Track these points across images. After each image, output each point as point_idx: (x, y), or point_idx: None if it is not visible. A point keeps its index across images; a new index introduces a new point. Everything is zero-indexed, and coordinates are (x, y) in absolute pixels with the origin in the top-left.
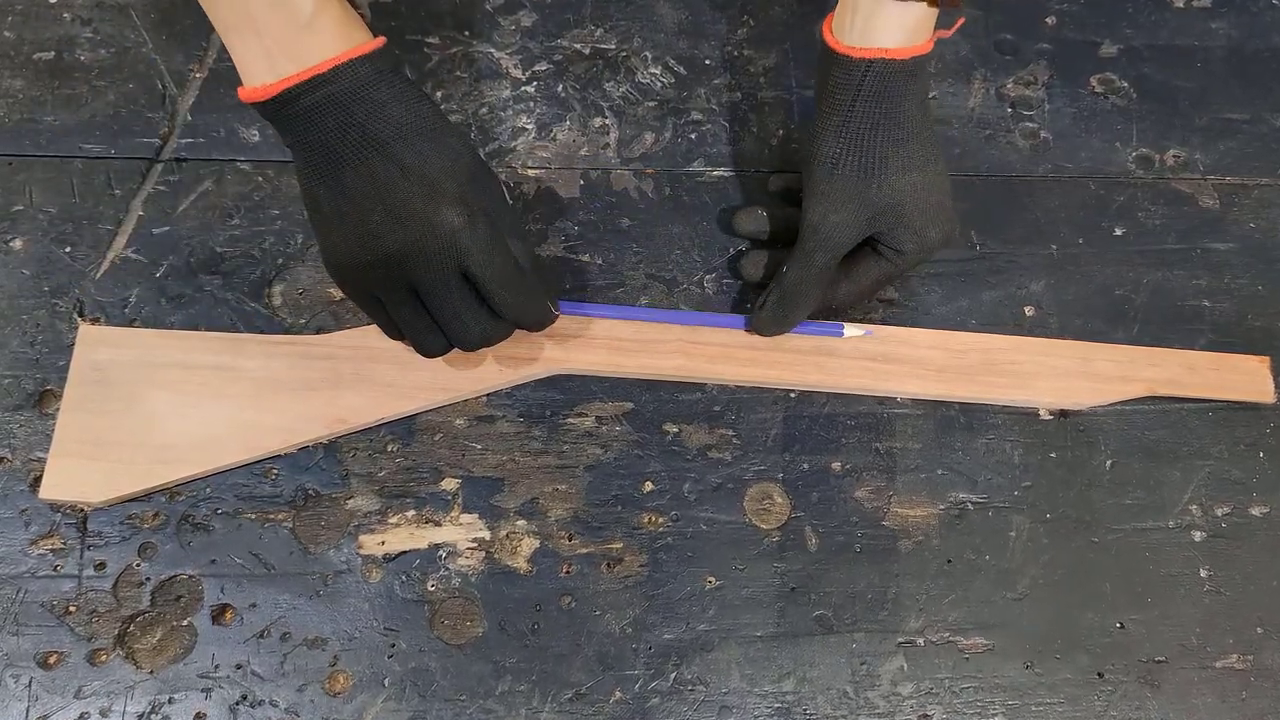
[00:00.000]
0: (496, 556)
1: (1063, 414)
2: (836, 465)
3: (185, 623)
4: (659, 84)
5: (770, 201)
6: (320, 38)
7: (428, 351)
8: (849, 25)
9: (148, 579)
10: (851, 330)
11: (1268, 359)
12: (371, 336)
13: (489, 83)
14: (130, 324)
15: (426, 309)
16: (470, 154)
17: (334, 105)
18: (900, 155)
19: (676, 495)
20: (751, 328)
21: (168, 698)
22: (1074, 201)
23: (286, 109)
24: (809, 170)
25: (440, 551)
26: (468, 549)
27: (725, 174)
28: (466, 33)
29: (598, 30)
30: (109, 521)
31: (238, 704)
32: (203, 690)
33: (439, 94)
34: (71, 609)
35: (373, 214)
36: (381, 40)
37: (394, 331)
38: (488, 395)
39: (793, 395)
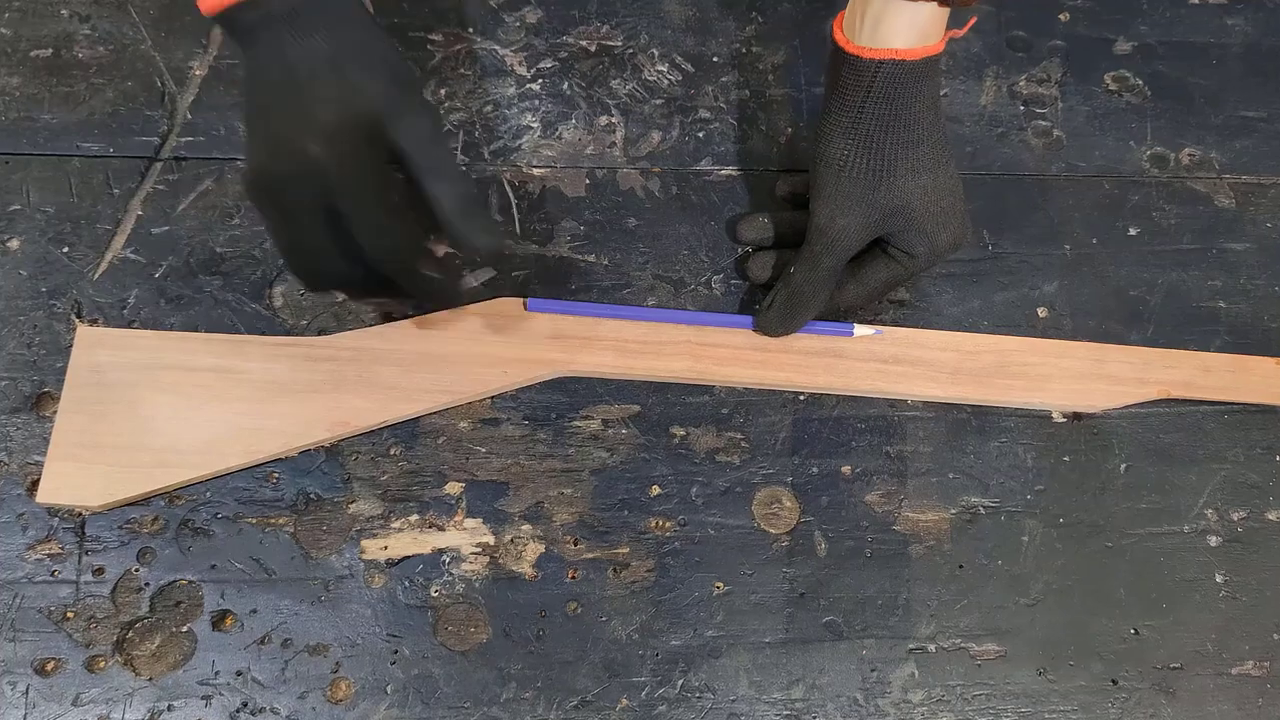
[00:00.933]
0: (501, 562)
1: (1076, 417)
2: (846, 469)
3: (185, 629)
4: (666, 81)
5: (777, 206)
6: None
7: (317, 282)
8: (859, 25)
9: (147, 584)
10: (861, 330)
11: None
12: (375, 338)
13: (493, 80)
14: (129, 325)
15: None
16: (407, 83)
17: (263, 22)
18: (910, 157)
19: (684, 499)
20: (757, 327)
21: (167, 705)
22: (1088, 201)
23: (244, 17)
24: (816, 171)
25: (444, 557)
26: (472, 554)
27: (733, 173)
28: (470, 29)
29: (604, 27)
30: (107, 526)
31: (238, 712)
32: (203, 698)
33: (442, 91)
34: (69, 615)
35: (296, 117)
36: None
37: (297, 253)
38: (492, 398)
39: (802, 398)
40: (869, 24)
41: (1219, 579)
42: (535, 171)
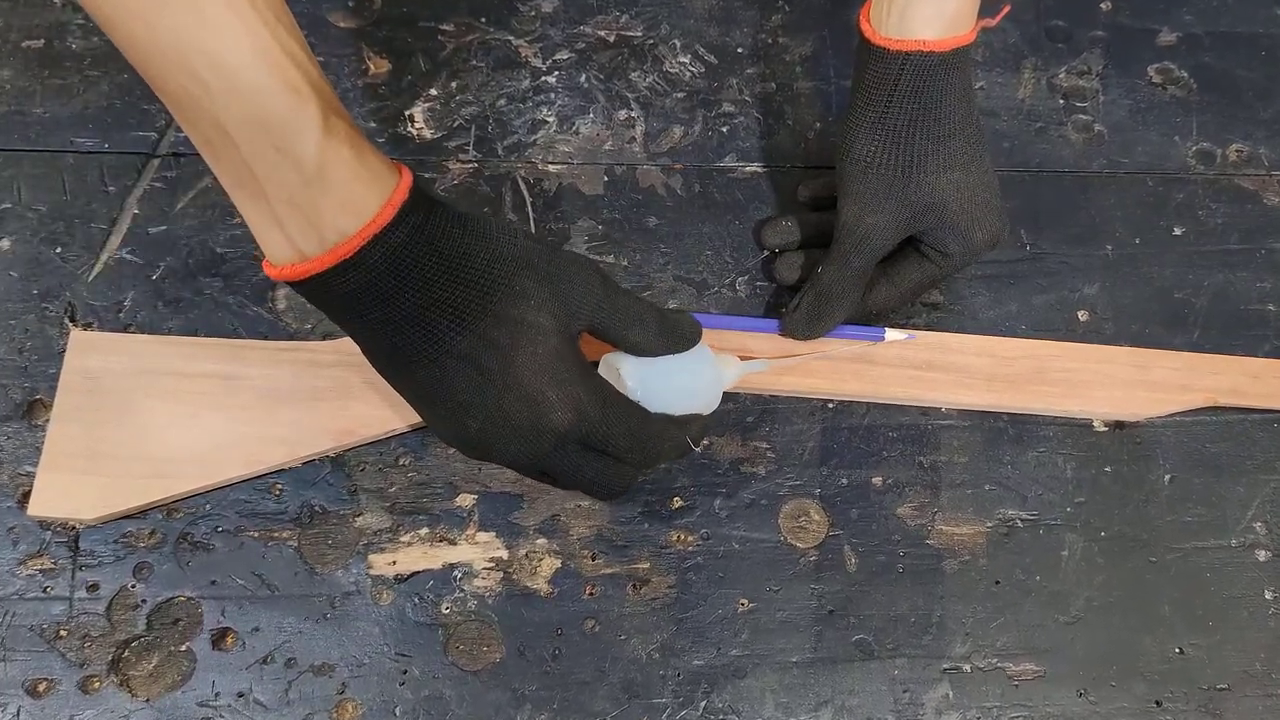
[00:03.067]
0: (515, 577)
1: (1118, 425)
2: (877, 480)
3: (183, 648)
4: (688, 74)
5: (802, 207)
6: (334, 197)
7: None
8: (886, 15)
9: (143, 601)
10: (893, 335)
11: None
12: None
13: (507, 72)
14: (125, 329)
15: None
16: (552, 302)
17: (374, 295)
18: (941, 152)
19: (707, 512)
20: (784, 330)
21: None
22: (1130, 199)
23: (318, 297)
24: (843, 168)
25: (455, 572)
26: (484, 569)
27: (758, 170)
28: (483, 19)
29: (623, 16)
30: (102, 540)
31: None
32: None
33: (453, 85)
34: (62, 633)
35: (469, 421)
36: (407, 182)
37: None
38: None
39: (831, 405)
40: (896, 14)
41: (1268, 596)
42: (551, 168)
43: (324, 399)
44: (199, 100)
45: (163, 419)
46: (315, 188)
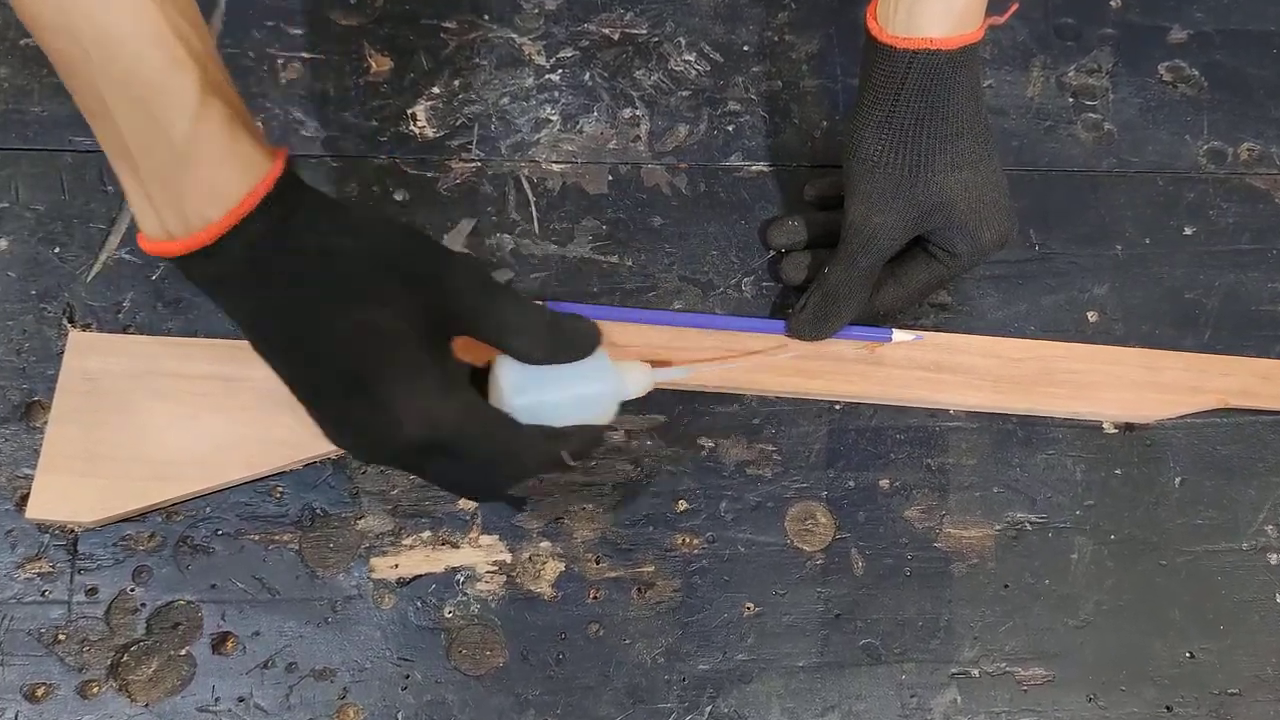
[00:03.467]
0: (518, 581)
1: (1128, 427)
2: (885, 483)
3: (183, 652)
4: (693, 72)
5: (808, 207)
6: (201, 179)
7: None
8: (893, 12)
9: (143, 605)
10: (901, 335)
11: None
12: None
13: (510, 71)
14: (124, 330)
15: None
16: (421, 294)
17: (228, 285)
18: (949, 151)
19: (712, 515)
20: (790, 331)
21: None
22: (1140, 198)
23: (191, 273)
24: (849, 167)
25: (458, 575)
26: (487, 573)
27: (764, 169)
28: (486, 16)
29: (627, 14)
30: (101, 543)
31: None
32: None
33: (456, 83)
34: (61, 637)
35: (322, 419)
36: (276, 172)
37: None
38: None
39: (838, 407)
40: (904, 11)
41: None
42: (555, 167)
43: None
44: (80, 65)
45: (162, 420)
46: (183, 167)
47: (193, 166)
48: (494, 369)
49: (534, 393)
